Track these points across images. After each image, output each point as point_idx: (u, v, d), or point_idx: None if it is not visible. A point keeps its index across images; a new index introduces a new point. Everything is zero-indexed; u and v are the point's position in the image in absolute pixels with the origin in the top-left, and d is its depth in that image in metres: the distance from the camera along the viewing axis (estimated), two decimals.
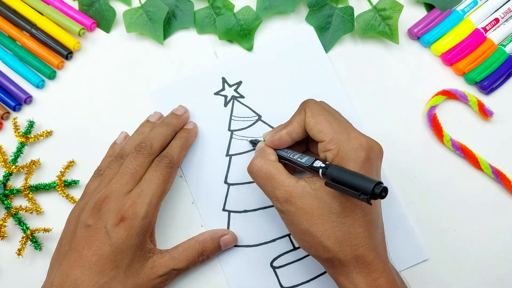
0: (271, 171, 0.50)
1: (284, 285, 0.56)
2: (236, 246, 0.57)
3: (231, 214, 0.58)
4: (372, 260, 0.47)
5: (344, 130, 0.49)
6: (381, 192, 0.42)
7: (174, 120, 0.57)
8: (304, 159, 0.50)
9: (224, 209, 0.58)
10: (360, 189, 0.43)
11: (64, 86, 0.61)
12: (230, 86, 0.61)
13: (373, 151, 0.49)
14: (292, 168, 0.54)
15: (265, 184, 0.50)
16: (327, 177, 0.46)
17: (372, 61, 0.62)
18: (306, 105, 0.51)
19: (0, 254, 0.57)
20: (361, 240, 0.47)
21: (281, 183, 0.49)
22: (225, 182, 0.58)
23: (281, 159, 0.52)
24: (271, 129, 0.59)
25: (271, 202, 0.56)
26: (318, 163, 0.48)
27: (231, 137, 0.59)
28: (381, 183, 0.43)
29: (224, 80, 0.61)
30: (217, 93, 0.61)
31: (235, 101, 0.60)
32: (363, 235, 0.47)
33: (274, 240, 0.57)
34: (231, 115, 0.60)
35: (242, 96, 0.60)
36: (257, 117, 0.60)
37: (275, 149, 0.53)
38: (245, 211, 0.58)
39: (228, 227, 0.57)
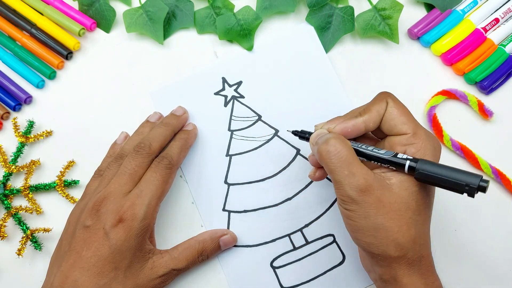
0: (351, 155, 0.46)
1: (284, 285, 0.56)
2: (236, 246, 0.57)
3: (231, 214, 0.58)
4: (430, 262, 0.47)
5: (423, 128, 0.48)
6: (485, 186, 0.43)
7: (173, 121, 0.57)
8: (382, 151, 0.47)
9: (224, 209, 0.58)
10: (466, 182, 0.43)
11: (64, 86, 0.61)
12: (230, 86, 0.61)
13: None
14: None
15: (341, 168, 0.45)
16: (418, 170, 0.45)
17: (372, 61, 0.62)
18: (388, 95, 0.49)
19: (0, 254, 0.57)
20: (426, 239, 0.47)
21: (361, 170, 0.45)
22: (225, 182, 0.58)
23: None
24: (271, 129, 0.59)
25: (271, 202, 0.56)
26: (402, 156, 0.46)
27: (231, 137, 0.59)
28: (482, 177, 0.43)
29: (224, 80, 0.61)
30: (217, 93, 0.61)
31: (235, 101, 0.60)
32: (428, 235, 0.47)
33: (274, 240, 0.57)
34: (231, 115, 0.60)
35: (242, 96, 0.60)
36: (257, 117, 0.60)
37: None
38: (245, 211, 0.58)
39: (228, 227, 0.57)
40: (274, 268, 0.57)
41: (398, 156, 0.46)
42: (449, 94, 0.61)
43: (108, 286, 0.49)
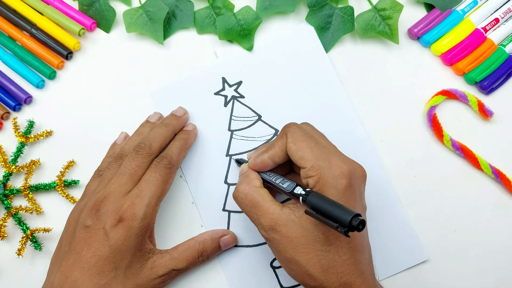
0: (256, 198, 0.49)
1: (284, 285, 0.56)
2: (236, 246, 0.57)
3: (231, 214, 0.58)
4: (359, 286, 0.47)
5: (326, 157, 0.48)
6: (358, 224, 0.42)
7: (174, 121, 0.57)
8: (286, 184, 0.49)
9: (224, 209, 0.58)
10: (338, 221, 0.42)
11: (64, 86, 0.61)
12: (230, 86, 0.61)
13: (355, 177, 0.48)
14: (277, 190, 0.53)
15: (250, 212, 0.49)
16: (307, 204, 0.46)
17: (372, 61, 0.62)
18: (287, 130, 0.51)
19: (0, 254, 0.57)
20: (347, 267, 0.47)
21: (266, 210, 0.48)
22: (225, 182, 0.58)
23: (265, 182, 0.52)
24: (271, 129, 0.59)
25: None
26: (298, 190, 0.48)
27: (231, 137, 0.59)
28: (359, 215, 0.42)
29: (224, 80, 0.61)
30: (217, 93, 0.61)
31: (235, 101, 0.60)
32: (349, 262, 0.47)
33: None
34: (231, 115, 0.60)
35: (242, 96, 0.60)
36: (257, 117, 0.60)
37: (259, 172, 0.52)
38: None
39: (228, 227, 0.57)
40: (274, 268, 0.57)
41: (295, 190, 0.48)
42: (449, 94, 0.61)
43: (108, 286, 0.49)
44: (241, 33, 0.61)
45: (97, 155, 0.58)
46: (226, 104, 0.60)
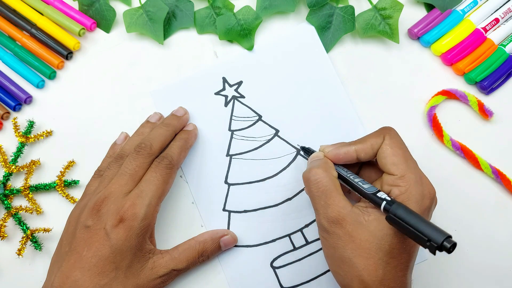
0: (330, 186, 0.48)
1: (284, 285, 0.56)
2: (236, 246, 0.57)
3: (231, 214, 0.58)
4: None
5: (418, 173, 0.47)
6: (450, 247, 0.41)
7: (174, 121, 0.57)
8: (367, 186, 0.48)
9: (224, 209, 0.58)
10: (429, 237, 0.42)
11: (64, 86, 0.61)
12: (230, 86, 0.61)
13: (435, 201, 0.48)
14: (347, 190, 0.51)
15: (318, 197, 0.48)
16: (391, 212, 0.44)
17: (372, 61, 0.62)
18: (387, 132, 0.49)
19: (0, 254, 0.57)
20: (399, 284, 0.46)
21: (337, 202, 0.47)
22: (225, 182, 0.58)
23: (338, 177, 0.50)
24: (271, 129, 0.60)
25: (271, 202, 0.56)
26: (382, 195, 0.46)
27: (231, 137, 0.59)
28: (450, 236, 0.42)
29: (224, 80, 0.61)
30: (217, 93, 0.61)
31: (235, 101, 0.60)
32: (401, 280, 0.46)
33: (274, 240, 0.57)
34: (231, 115, 0.60)
35: (242, 96, 0.60)
36: (257, 117, 0.60)
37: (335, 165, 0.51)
38: (245, 211, 0.57)
39: (228, 227, 0.57)
40: (274, 268, 0.57)
41: (378, 194, 0.46)
42: (449, 94, 0.61)
43: (109, 286, 0.49)
44: (241, 33, 0.61)
45: (97, 155, 0.58)
46: (226, 104, 0.60)
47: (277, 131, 0.59)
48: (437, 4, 0.63)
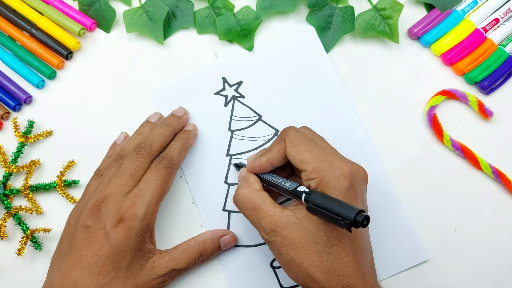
0: (256, 201, 0.49)
1: (284, 285, 0.56)
2: (236, 246, 0.57)
3: (231, 214, 0.58)
4: None
5: (326, 159, 0.48)
6: (362, 220, 0.42)
7: (174, 121, 0.57)
8: (288, 184, 0.49)
9: (224, 209, 0.58)
10: (342, 216, 0.42)
11: (64, 86, 0.61)
12: (230, 86, 0.61)
13: (356, 178, 0.48)
14: (277, 193, 0.53)
15: (250, 215, 0.49)
16: (310, 202, 0.46)
17: (372, 61, 0.62)
18: (285, 134, 0.51)
19: (0, 254, 0.57)
20: (349, 269, 0.46)
21: (266, 213, 0.48)
22: (225, 182, 0.58)
23: (264, 183, 0.52)
24: (271, 129, 0.60)
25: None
26: (301, 188, 0.48)
27: (231, 137, 0.59)
28: (363, 211, 0.42)
29: (224, 80, 0.61)
30: (217, 93, 0.61)
31: (235, 101, 0.60)
32: (351, 264, 0.46)
33: None
34: (231, 115, 0.60)
35: (242, 96, 0.60)
36: (257, 117, 0.60)
37: (259, 174, 0.53)
38: None
39: (228, 227, 0.57)
40: (274, 268, 0.57)
41: (298, 188, 0.48)
42: (449, 94, 0.61)
43: (109, 285, 0.49)
44: (241, 33, 0.61)
45: (97, 155, 0.58)
46: (226, 104, 0.60)
47: (277, 131, 0.59)
48: (437, 4, 0.63)
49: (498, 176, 0.58)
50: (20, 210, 0.57)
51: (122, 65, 0.62)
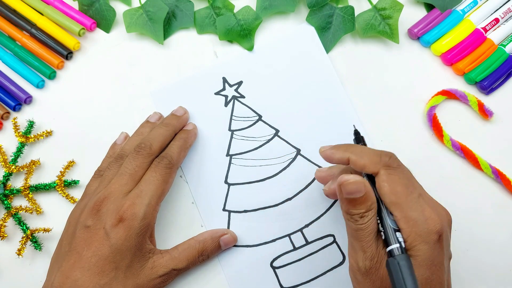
0: (375, 230, 0.45)
1: (284, 285, 0.56)
2: (236, 246, 0.57)
3: (231, 214, 0.58)
4: None
5: (419, 208, 0.44)
6: None
7: (174, 121, 0.57)
8: (389, 220, 0.45)
9: (224, 209, 0.58)
10: None
11: (64, 86, 0.61)
12: (230, 86, 0.61)
13: (444, 226, 0.45)
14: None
15: (366, 240, 0.45)
16: (393, 261, 0.42)
17: (372, 61, 0.62)
18: (384, 163, 0.46)
19: (0, 254, 0.57)
20: None
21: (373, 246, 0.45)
22: (225, 182, 0.58)
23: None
24: (271, 129, 0.60)
25: (271, 202, 0.56)
26: (400, 237, 0.44)
27: (231, 137, 0.59)
28: None
29: (224, 80, 0.61)
30: (217, 93, 0.61)
31: (235, 101, 0.60)
32: None
33: (274, 240, 0.57)
34: (231, 115, 0.60)
35: (242, 96, 0.60)
36: (257, 117, 0.60)
37: None
38: (245, 211, 0.57)
39: (228, 227, 0.57)
40: (274, 268, 0.57)
41: (397, 233, 0.44)
42: (449, 94, 0.61)
43: (109, 285, 0.49)
44: (241, 33, 0.61)
45: (97, 155, 0.58)
46: (226, 104, 0.60)
47: (277, 131, 0.59)
48: (437, 4, 0.63)
49: (498, 176, 0.58)
50: (20, 210, 0.57)
51: (122, 65, 0.62)
